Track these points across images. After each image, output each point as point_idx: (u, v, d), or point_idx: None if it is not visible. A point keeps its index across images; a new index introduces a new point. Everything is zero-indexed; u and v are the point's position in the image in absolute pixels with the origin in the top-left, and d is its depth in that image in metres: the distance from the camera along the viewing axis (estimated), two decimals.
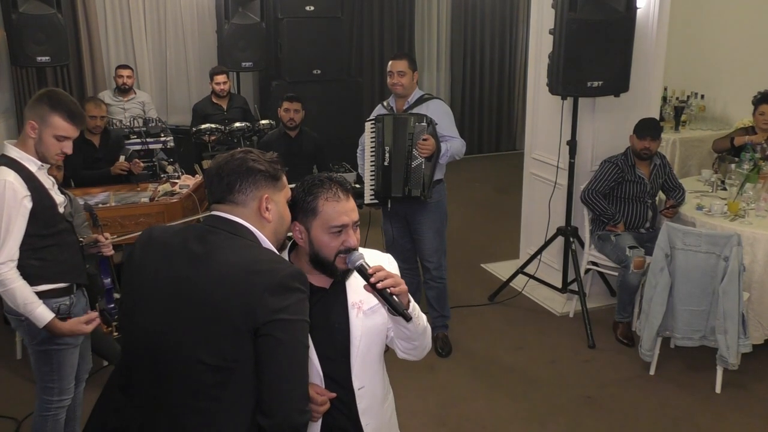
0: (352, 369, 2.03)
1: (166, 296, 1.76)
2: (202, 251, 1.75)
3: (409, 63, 4.24)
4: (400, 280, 1.92)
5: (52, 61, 5.50)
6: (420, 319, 2.02)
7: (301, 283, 1.72)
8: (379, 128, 4.17)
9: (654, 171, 4.59)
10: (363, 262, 1.92)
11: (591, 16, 4.25)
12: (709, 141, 6.55)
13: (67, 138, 2.78)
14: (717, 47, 6.89)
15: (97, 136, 5.18)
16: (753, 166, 4.78)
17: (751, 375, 4.13)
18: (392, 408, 2.26)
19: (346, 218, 1.93)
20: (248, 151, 1.89)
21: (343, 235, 1.94)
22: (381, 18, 8.54)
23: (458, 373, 4.25)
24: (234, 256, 1.73)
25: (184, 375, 1.72)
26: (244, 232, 1.80)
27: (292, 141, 5.30)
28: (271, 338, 1.66)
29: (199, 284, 1.72)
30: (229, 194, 1.81)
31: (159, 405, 1.77)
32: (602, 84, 4.37)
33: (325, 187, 1.95)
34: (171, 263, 1.78)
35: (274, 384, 1.67)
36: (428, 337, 2.11)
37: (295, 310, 1.69)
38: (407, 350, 2.13)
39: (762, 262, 4.15)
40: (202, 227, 1.83)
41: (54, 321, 2.76)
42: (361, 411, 2.06)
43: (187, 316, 1.72)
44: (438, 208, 4.34)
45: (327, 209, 1.92)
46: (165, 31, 7.68)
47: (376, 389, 2.12)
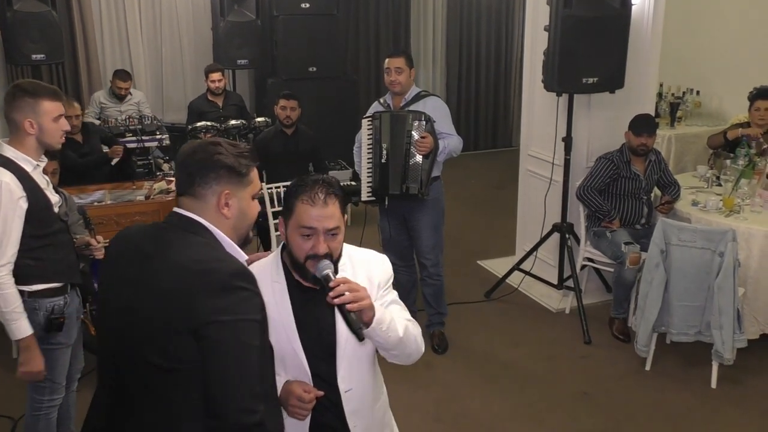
0: (338, 370, 2.02)
1: (121, 295, 1.76)
2: (153, 250, 1.74)
3: (406, 60, 4.23)
4: (362, 295, 1.86)
5: (47, 59, 5.49)
6: (392, 331, 1.95)
7: (245, 282, 1.68)
8: (377, 125, 4.17)
9: (649, 167, 4.60)
10: (329, 272, 1.88)
11: (586, 13, 4.25)
12: (705, 137, 6.55)
13: (61, 116, 2.81)
14: (712, 43, 6.89)
15: (78, 134, 5.18)
16: (748, 162, 4.79)
17: (747, 370, 4.14)
18: (384, 408, 2.24)
19: (316, 223, 1.89)
20: (216, 143, 1.83)
21: (313, 239, 1.90)
22: (377, 15, 8.53)
23: (455, 370, 4.25)
24: (179, 255, 1.71)
25: (138, 375, 1.72)
26: (198, 229, 1.77)
27: (288, 139, 5.30)
28: (211, 340, 1.62)
29: (147, 284, 1.70)
30: (190, 187, 1.79)
31: (123, 403, 1.77)
32: (597, 80, 4.38)
33: (307, 188, 1.91)
34: (128, 262, 1.78)
35: (217, 385, 1.64)
36: (410, 346, 2.05)
37: (237, 310, 1.65)
38: (389, 357, 2.09)
39: (757, 257, 4.16)
40: (159, 225, 1.83)
41: (31, 338, 2.74)
42: (349, 413, 2.04)
43: (137, 316, 1.71)
44: (435, 205, 4.34)
45: (300, 210, 1.90)
46: (160, 28, 7.66)
47: (365, 391, 2.09)
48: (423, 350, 2.12)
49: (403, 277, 4.58)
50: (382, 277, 2.10)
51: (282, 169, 5.10)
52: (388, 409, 2.27)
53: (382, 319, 1.92)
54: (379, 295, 2.06)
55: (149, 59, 7.64)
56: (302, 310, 1.98)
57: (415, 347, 2.07)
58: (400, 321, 2.01)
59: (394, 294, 2.14)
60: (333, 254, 1.93)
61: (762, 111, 5.20)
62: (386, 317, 1.94)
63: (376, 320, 1.90)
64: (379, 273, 2.10)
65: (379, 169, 4.17)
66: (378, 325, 1.90)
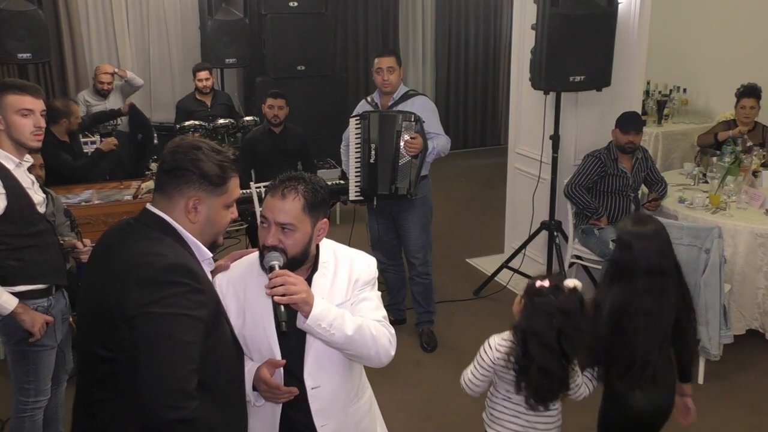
0: (305, 367, 2.01)
1: (87, 289, 1.84)
2: (114, 243, 1.80)
3: (396, 59, 4.23)
4: (296, 289, 1.85)
5: (33, 58, 5.45)
6: (336, 329, 1.91)
7: (180, 276, 1.68)
8: (365, 125, 4.16)
9: (636, 164, 4.62)
10: (275, 263, 1.90)
11: (573, 11, 4.27)
12: (692, 134, 6.61)
13: (31, 111, 2.74)
14: (699, 41, 6.93)
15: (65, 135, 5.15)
16: (734, 159, 4.82)
17: (734, 366, 4.17)
18: (363, 412, 2.19)
19: (268, 213, 1.93)
20: (198, 146, 1.81)
21: (266, 229, 1.94)
22: (365, 14, 8.53)
23: (444, 368, 4.26)
24: (128, 249, 1.75)
25: (86, 364, 1.81)
26: (161, 227, 1.79)
27: (276, 137, 5.29)
28: (139, 331, 1.65)
29: (100, 276, 1.77)
30: (163, 186, 1.81)
31: (79, 393, 1.85)
32: (584, 79, 4.40)
33: (278, 182, 1.97)
34: (96, 256, 1.86)
35: (143, 378, 1.64)
36: (364, 346, 1.98)
37: (168, 304, 1.65)
38: (346, 356, 2.04)
39: (743, 253, 4.20)
40: (129, 220, 1.86)
41: (20, 305, 2.73)
42: (315, 411, 2.04)
43: (88, 307, 1.80)
44: (423, 204, 4.35)
45: (265, 200, 1.97)
46: (148, 27, 7.63)
47: (335, 391, 2.07)
48: (390, 353, 2.05)
49: (392, 276, 4.59)
50: (362, 276, 2.09)
51: (270, 168, 5.05)
52: (368, 414, 2.22)
53: (321, 316, 1.88)
54: (353, 293, 2.05)
55: (137, 58, 7.60)
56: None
57: (374, 349, 1.99)
58: (353, 320, 1.96)
59: (372, 294, 2.11)
60: (287, 251, 1.93)
61: (747, 109, 5.24)
62: (329, 315, 1.90)
63: (313, 316, 1.87)
64: (360, 272, 2.09)
65: (367, 169, 4.17)
66: (314, 321, 1.88)
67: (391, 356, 2.06)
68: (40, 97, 2.82)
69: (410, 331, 4.54)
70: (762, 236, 4.15)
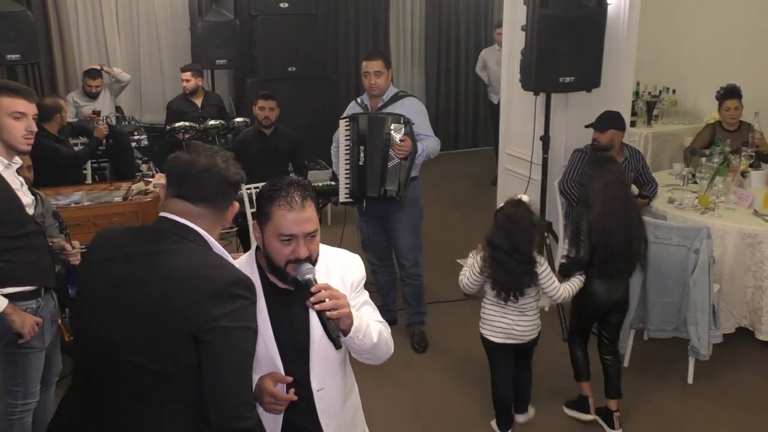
0: (311, 370, 2.02)
1: (111, 298, 1.74)
2: (142, 253, 1.74)
3: (384, 62, 4.22)
4: (342, 303, 1.87)
5: (22, 59, 5.44)
6: (367, 338, 1.97)
7: (244, 290, 1.70)
8: (354, 127, 4.16)
9: (624, 164, 4.62)
10: (311, 276, 1.88)
11: (562, 12, 4.28)
12: (681, 135, 6.65)
13: (24, 114, 2.74)
14: (687, 42, 6.97)
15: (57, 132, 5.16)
16: (723, 160, 4.85)
17: (723, 365, 4.19)
18: (355, 407, 2.24)
19: (296, 228, 1.87)
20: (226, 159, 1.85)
21: (293, 244, 1.89)
22: (356, 15, 8.53)
23: (435, 369, 4.27)
24: (179, 259, 1.72)
25: (126, 379, 1.70)
26: (193, 236, 1.78)
27: (267, 139, 5.28)
28: (209, 345, 1.64)
29: (143, 287, 1.70)
30: (210, 200, 1.81)
31: (104, 406, 1.75)
32: (574, 80, 4.41)
33: (282, 192, 1.88)
34: (117, 264, 1.76)
35: (212, 391, 1.66)
36: (382, 349, 2.07)
37: (236, 318, 1.66)
38: (359, 358, 2.10)
39: (732, 254, 4.22)
40: (150, 228, 1.82)
41: (9, 306, 2.71)
42: (320, 411, 2.06)
43: (131, 319, 1.70)
44: (413, 205, 4.35)
45: (278, 216, 1.87)
46: (138, 28, 7.61)
47: (336, 391, 2.11)
48: (390, 352, 2.13)
49: (383, 277, 4.59)
50: (356, 277, 2.10)
51: (261, 170, 5.07)
52: (358, 408, 2.28)
53: (359, 327, 1.93)
54: (352, 296, 2.06)
55: (127, 59, 7.58)
56: (277, 311, 1.97)
57: (386, 350, 2.10)
58: (374, 326, 2.02)
59: (365, 294, 2.15)
60: (312, 256, 1.92)
61: (732, 110, 5.27)
62: (363, 325, 1.95)
63: (354, 329, 1.91)
64: (353, 273, 2.10)
65: (356, 171, 4.17)
66: (355, 333, 1.92)
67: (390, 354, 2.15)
68: (33, 101, 2.81)
69: (401, 332, 4.54)
70: (750, 236, 4.18)
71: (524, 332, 3.42)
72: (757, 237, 4.16)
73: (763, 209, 4.41)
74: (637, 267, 3.59)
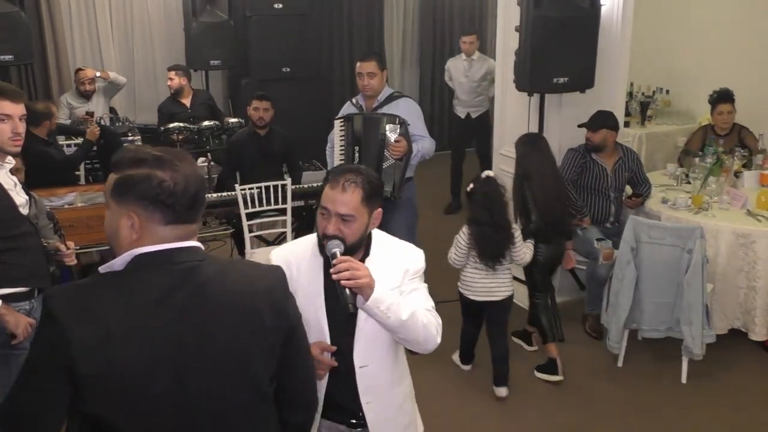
0: (355, 346, 2.12)
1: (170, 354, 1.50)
2: (188, 293, 1.53)
3: (377, 63, 4.22)
4: (360, 274, 1.95)
5: (15, 60, 5.40)
6: (392, 312, 2.01)
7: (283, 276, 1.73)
8: (349, 127, 4.16)
9: (618, 164, 4.65)
10: (337, 251, 1.99)
11: (556, 13, 4.29)
12: (675, 135, 6.67)
13: (9, 116, 2.73)
14: (681, 43, 6.99)
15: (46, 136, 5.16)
16: (716, 160, 4.87)
17: (716, 365, 4.21)
18: (405, 395, 2.30)
19: (330, 205, 2.03)
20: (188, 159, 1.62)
21: (327, 219, 2.04)
22: (350, 15, 8.53)
23: (429, 369, 4.26)
24: (225, 281, 1.58)
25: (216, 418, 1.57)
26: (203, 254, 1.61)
27: (261, 140, 5.28)
28: (297, 338, 1.69)
29: (207, 327, 1.53)
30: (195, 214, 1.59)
31: None
32: (568, 80, 4.42)
33: (338, 173, 2.07)
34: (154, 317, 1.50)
35: (308, 379, 1.75)
36: (414, 332, 2.08)
37: (295, 305, 1.73)
38: (397, 339, 2.15)
39: (725, 254, 4.24)
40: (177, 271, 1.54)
41: (2, 306, 2.70)
42: (362, 389, 2.15)
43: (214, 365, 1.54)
44: (408, 206, 4.35)
45: (325, 191, 2.07)
46: (132, 29, 7.60)
47: (382, 371, 2.18)
48: (437, 341, 2.16)
49: None
50: (412, 266, 2.19)
51: (255, 171, 5.08)
52: (409, 398, 2.34)
53: (380, 299, 1.99)
54: (405, 282, 2.15)
55: (121, 60, 7.57)
56: (333, 285, 2.04)
57: (423, 335, 2.10)
58: (408, 306, 2.06)
59: (421, 286, 2.21)
60: (346, 239, 2.03)
61: (725, 115, 5.28)
62: (387, 299, 2.01)
63: (373, 299, 1.97)
64: (410, 262, 2.20)
65: None
66: (374, 303, 1.98)
67: (437, 344, 2.16)
68: (20, 101, 2.78)
69: None
70: (743, 236, 4.20)
71: (500, 290, 3.92)
72: (750, 237, 4.18)
73: (756, 209, 4.43)
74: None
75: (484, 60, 7.08)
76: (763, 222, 4.25)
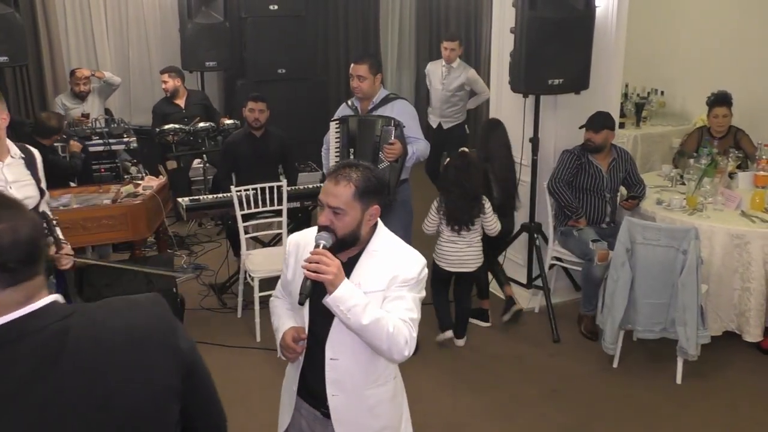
0: (329, 337, 2.16)
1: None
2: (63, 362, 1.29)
3: (369, 67, 4.20)
4: (326, 269, 1.99)
5: (10, 61, 5.41)
6: (353, 315, 2.00)
7: (164, 304, 1.47)
8: (344, 129, 4.16)
9: (612, 165, 4.66)
10: (321, 242, 2.06)
11: (551, 15, 4.30)
12: (670, 136, 6.69)
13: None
14: (675, 44, 7.01)
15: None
16: (710, 161, 4.88)
17: (711, 365, 4.22)
18: (380, 399, 2.25)
19: (323, 197, 2.11)
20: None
21: (321, 210, 2.11)
22: (346, 16, 8.53)
23: (425, 370, 4.27)
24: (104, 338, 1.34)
25: None
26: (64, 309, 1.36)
27: (257, 141, 5.28)
28: (196, 372, 1.47)
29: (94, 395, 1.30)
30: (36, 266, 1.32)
31: None
32: (563, 82, 4.43)
33: (340, 166, 2.14)
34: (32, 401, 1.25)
35: (214, 404, 1.54)
36: (376, 338, 2.05)
37: (185, 335, 1.47)
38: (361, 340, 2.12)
39: (719, 255, 4.25)
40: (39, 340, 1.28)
41: None
42: (329, 381, 2.18)
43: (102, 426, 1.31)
44: (404, 207, 4.35)
45: (324, 184, 2.15)
46: (127, 30, 7.59)
47: (354, 368, 2.18)
48: (403, 353, 2.08)
49: None
50: (403, 274, 2.15)
51: (251, 172, 5.08)
52: (388, 403, 2.29)
53: (341, 299, 2.01)
54: (393, 287, 2.14)
55: (116, 61, 7.56)
56: None
57: (387, 344, 2.05)
58: (374, 313, 2.03)
59: (409, 295, 2.14)
60: (337, 232, 2.09)
61: (720, 118, 5.29)
62: (350, 301, 2.01)
63: (333, 297, 2.01)
64: (402, 269, 2.16)
65: None
66: (334, 302, 2.01)
67: (404, 356, 2.09)
68: None
69: None
70: (738, 237, 4.21)
71: (472, 261, 4.35)
72: (744, 238, 4.19)
73: (750, 210, 4.44)
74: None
75: (464, 68, 6.75)
76: (757, 223, 4.27)
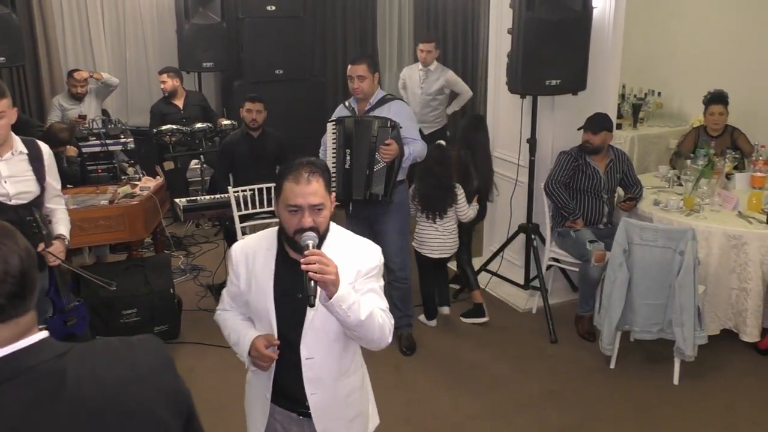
0: (303, 338, 2.16)
1: None
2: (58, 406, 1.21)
3: (368, 67, 4.20)
4: (328, 270, 1.96)
5: (7, 62, 5.40)
6: (352, 312, 2.03)
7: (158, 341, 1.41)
8: (341, 130, 4.15)
9: (610, 166, 4.66)
10: (310, 243, 2.03)
11: (548, 16, 4.30)
12: (667, 137, 6.70)
13: None
14: (673, 45, 7.02)
15: None
16: (707, 162, 4.89)
17: (708, 366, 4.23)
18: (352, 387, 2.31)
19: (301, 200, 2.05)
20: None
21: (299, 215, 2.06)
22: (343, 17, 8.52)
23: (423, 371, 4.27)
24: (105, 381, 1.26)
25: None
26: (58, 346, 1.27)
27: (254, 141, 5.28)
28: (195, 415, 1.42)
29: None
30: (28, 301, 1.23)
31: None
32: (560, 82, 4.43)
33: (294, 168, 2.08)
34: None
35: None
36: (371, 331, 2.11)
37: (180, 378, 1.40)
38: (350, 335, 2.17)
39: (716, 255, 4.25)
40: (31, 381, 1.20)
41: None
42: (307, 380, 2.20)
43: None
44: (400, 208, 4.35)
45: (286, 189, 2.08)
46: (124, 31, 7.57)
47: (328, 364, 2.21)
48: (388, 341, 2.18)
49: None
50: (367, 264, 2.19)
51: (249, 172, 5.08)
52: (359, 390, 2.35)
53: (343, 298, 2.01)
54: (360, 281, 2.16)
55: (113, 62, 7.54)
56: (284, 278, 2.14)
57: (378, 336, 2.14)
58: (367, 306, 2.09)
59: (375, 283, 2.22)
60: (319, 228, 2.08)
61: (716, 116, 5.31)
62: (350, 299, 2.03)
63: (336, 297, 2.00)
64: (366, 260, 2.20)
65: (342, 175, 4.16)
66: (337, 302, 2.01)
67: (388, 343, 2.19)
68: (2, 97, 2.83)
69: None
70: (735, 238, 4.22)
71: (450, 247, 4.68)
72: (741, 238, 4.20)
73: (747, 211, 4.45)
74: None
75: (442, 71, 6.56)
76: (754, 224, 4.28)
